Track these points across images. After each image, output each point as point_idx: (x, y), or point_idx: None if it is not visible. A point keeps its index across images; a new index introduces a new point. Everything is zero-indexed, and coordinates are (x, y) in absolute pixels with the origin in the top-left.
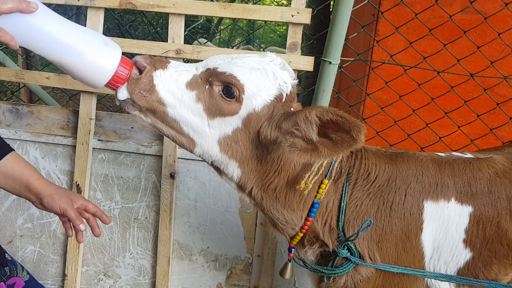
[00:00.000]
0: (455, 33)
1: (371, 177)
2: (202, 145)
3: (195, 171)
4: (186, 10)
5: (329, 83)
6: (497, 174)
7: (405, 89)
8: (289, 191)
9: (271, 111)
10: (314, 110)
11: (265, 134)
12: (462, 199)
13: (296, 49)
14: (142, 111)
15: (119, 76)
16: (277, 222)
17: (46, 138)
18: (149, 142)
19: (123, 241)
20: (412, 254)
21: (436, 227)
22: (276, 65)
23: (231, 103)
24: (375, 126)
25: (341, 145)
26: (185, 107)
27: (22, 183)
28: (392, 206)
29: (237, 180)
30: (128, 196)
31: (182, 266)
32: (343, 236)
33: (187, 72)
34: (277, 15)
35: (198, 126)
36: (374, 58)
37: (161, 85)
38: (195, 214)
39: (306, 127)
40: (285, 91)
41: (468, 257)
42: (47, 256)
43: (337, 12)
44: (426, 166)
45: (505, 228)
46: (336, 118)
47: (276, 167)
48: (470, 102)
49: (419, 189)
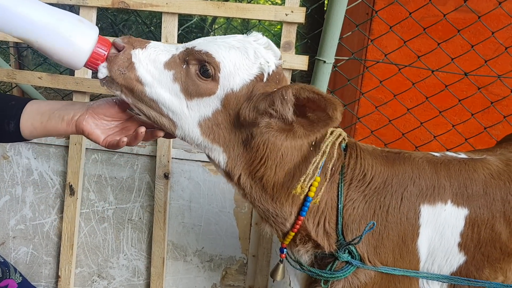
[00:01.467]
0: (449, 32)
1: (367, 178)
2: (182, 127)
3: (190, 171)
4: (180, 9)
5: (323, 82)
6: (492, 175)
7: (399, 88)
8: (277, 182)
9: (251, 91)
10: (291, 88)
11: (244, 115)
12: (458, 201)
13: (290, 48)
14: (123, 91)
15: (98, 54)
16: (268, 215)
17: (39, 139)
18: (143, 142)
19: (117, 242)
20: (408, 260)
21: (432, 231)
22: (259, 44)
23: (207, 83)
24: (370, 125)
25: (317, 124)
26: (163, 87)
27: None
28: (389, 210)
29: (224, 166)
30: (122, 196)
31: (176, 266)
32: (343, 239)
33: (166, 52)
34: (271, 14)
35: (176, 107)
36: (368, 57)
37: (139, 64)
38: (190, 214)
39: (282, 106)
40: (267, 70)
41: (461, 261)
42: (40, 258)
43: (331, 11)
44: (423, 168)
45: (499, 231)
46: (313, 96)
47: (262, 153)
48: (464, 101)
49: (416, 192)
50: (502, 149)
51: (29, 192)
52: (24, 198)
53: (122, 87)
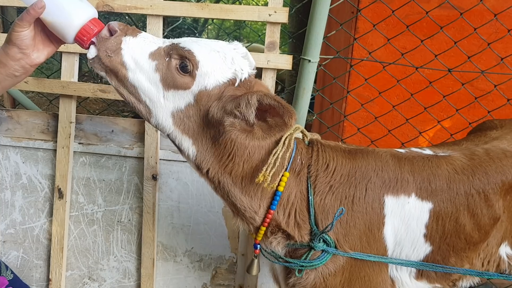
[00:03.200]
0: (434, 29)
1: (330, 169)
2: (157, 115)
3: (178, 172)
4: (164, 11)
5: (309, 81)
6: (456, 170)
7: (385, 86)
8: (245, 176)
9: (222, 92)
10: (256, 94)
11: (212, 113)
12: (422, 195)
13: (275, 48)
14: (108, 73)
15: (87, 30)
16: (238, 209)
17: (27, 143)
18: (130, 144)
19: (107, 244)
20: (375, 248)
21: (397, 222)
22: (238, 53)
23: (184, 77)
24: (358, 123)
25: (274, 128)
26: (144, 75)
27: None
28: (354, 200)
29: (193, 158)
30: (111, 199)
31: (166, 267)
32: (316, 230)
33: (154, 43)
34: (255, 15)
35: (153, 95)
36: (354, 55)
37: (126, 50)
38: (179, 215)
39: (246, 109)
40: (240, 76)
41: (428, 251)
42: (31, 261)
43: (314, 10)
44: (386, 161)
45: (463, 223)
46: (273, 103)
47: (229, 150)
48: (449, 96)
49: (379, 184)
50: (468, 142)
51: (18, 196)
52: (13, 202)
53: (107, 68)
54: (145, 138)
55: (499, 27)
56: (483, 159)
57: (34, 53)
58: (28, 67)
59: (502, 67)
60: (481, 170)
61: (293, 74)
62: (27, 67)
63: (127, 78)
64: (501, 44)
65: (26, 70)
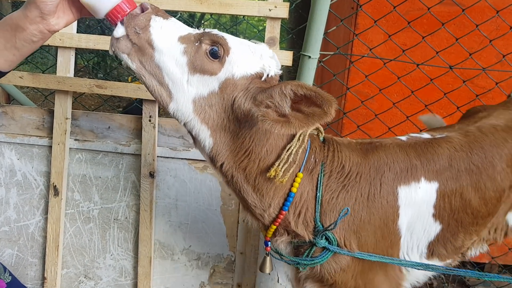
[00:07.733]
0: (435, 25)
1: (346, 170)
2: (178, 99)
3: (175, 169)
4: (162, 5)
5: (309, 78)
6: (455, 148)
7: (386, 82)
8: (259, 174)
9: (249, 83)
10: (290, 84)
11: (239, 103)
12: (430, 177)
13: (275, 44)
14: (131, 54)
15: (121, 8)
16: (250, 204)
17: (21, 139)
18: (127, 141)
19: (103, 242)
20: (389, 240)
21: (410, 210)
22: (266, 52)
23: (213, 63)
24: (357, 120)
25: (312, 118)
26: (171, 56)
27: None
28: (369, 196)
29: (208, 150)
30: (107, 196)
31: (164, 265)
32: (320, 227)
33: (185, 29)
34: (255, 10)
35: (177, 78)
36: (354, 52)
37: (155, 28)
38: (176, 213)
39: (280, 100)
40: (267, 72)
41: (438, 230)
42: (26, 259)
43: (315, 5)
44: (395, 152)
45: (468, 198)
46: (310, 93)
47: (247, 146)
48: (450, 94)
49: (392, 177)
50: (460, 124)
51: (13, 194)
52: (8, 199)
53: (133, 47)
54: (142, 134)
55: (500, 23)
56: (477, 135)
57: (53, 20)
58: (46, 32)
59: (503, 64)
60: (477, 146)
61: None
62: (45, 32)
63: (153, 58)
64: (502, 41)
65: (43, 36)
